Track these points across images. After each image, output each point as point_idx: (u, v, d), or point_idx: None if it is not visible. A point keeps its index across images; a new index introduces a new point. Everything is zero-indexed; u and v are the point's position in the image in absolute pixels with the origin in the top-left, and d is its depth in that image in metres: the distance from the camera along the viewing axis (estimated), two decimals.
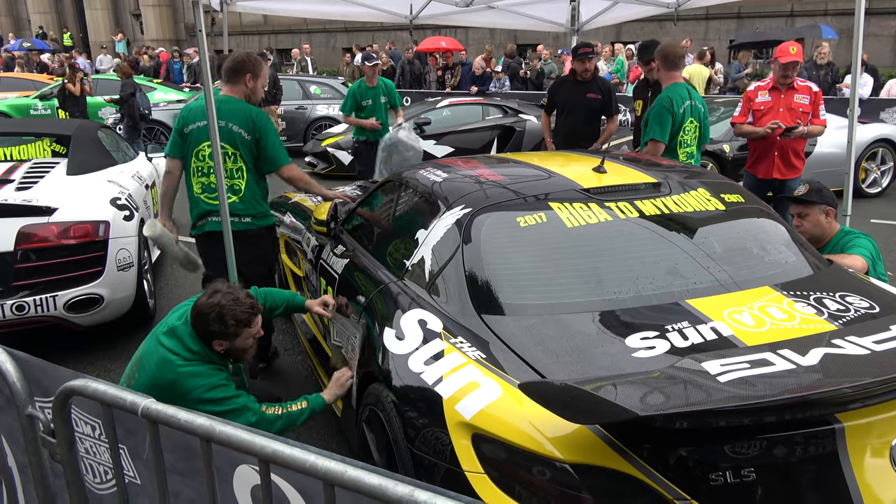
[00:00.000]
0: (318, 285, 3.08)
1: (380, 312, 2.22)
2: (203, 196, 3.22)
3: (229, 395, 2.01)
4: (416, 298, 2.14)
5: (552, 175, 2.51)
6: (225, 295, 2.04)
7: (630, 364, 1.65)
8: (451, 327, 1.91)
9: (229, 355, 2.12)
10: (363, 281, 2.57)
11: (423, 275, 2.21)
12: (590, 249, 2.11)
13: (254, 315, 2.07)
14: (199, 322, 2.03)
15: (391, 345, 1.96)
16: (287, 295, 2.56)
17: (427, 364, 1.78)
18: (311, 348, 3.29)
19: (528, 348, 1.75)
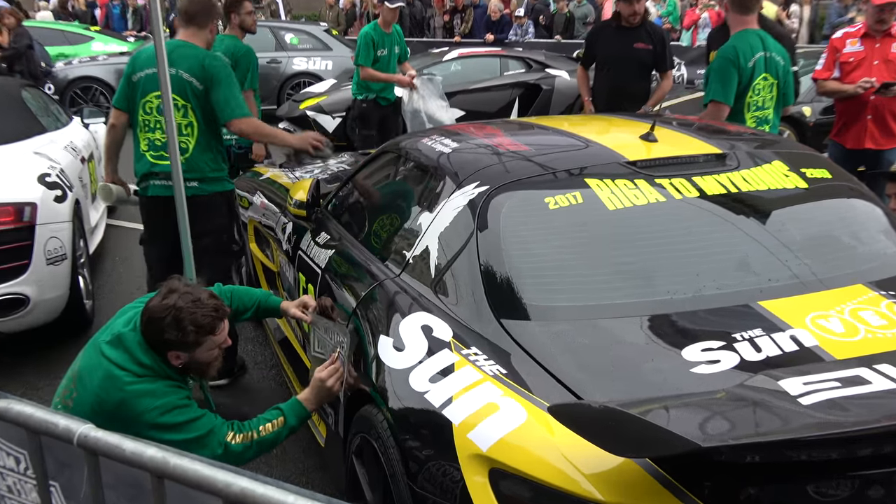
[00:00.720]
0: (295, 282, 3.10)
1: (373, 317, 2.23)
2: (149, 154, 3.31)
3: (190, 419, 2.01)
4: (419, 299, 2.14)
5: (590, 144, 2.51)
6: (183, 295, 2.04)
7: (688, 382, 1.65)
8: (462, 335, 1.92)
9: (189, 370, 2.12)
10: (352, 277, 2.58)
11: (428, 270, 2.22)
12: (637, 238, 2.10)
13: (218, 319, 2.07)
14: (151, 329, 2.02)
15: (388, 357, 1.97)
16: (258, 295, 2.57)
17: (433, 381, 1.78)
18: (287, 361, 3.33)
19: (560, 361, 1.75)
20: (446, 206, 2.29)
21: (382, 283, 2.32)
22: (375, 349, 2.05)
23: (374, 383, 1.98)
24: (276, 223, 3.53)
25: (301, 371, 2.98)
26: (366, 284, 2.40)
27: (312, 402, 2.22)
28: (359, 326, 2.26)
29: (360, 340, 2.20)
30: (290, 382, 3.20)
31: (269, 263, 3.77)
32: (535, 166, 2.37)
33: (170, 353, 2.04)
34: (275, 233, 3.53)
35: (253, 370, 3.78)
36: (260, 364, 3.86)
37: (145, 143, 3.29)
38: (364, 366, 2.11)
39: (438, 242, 2.24)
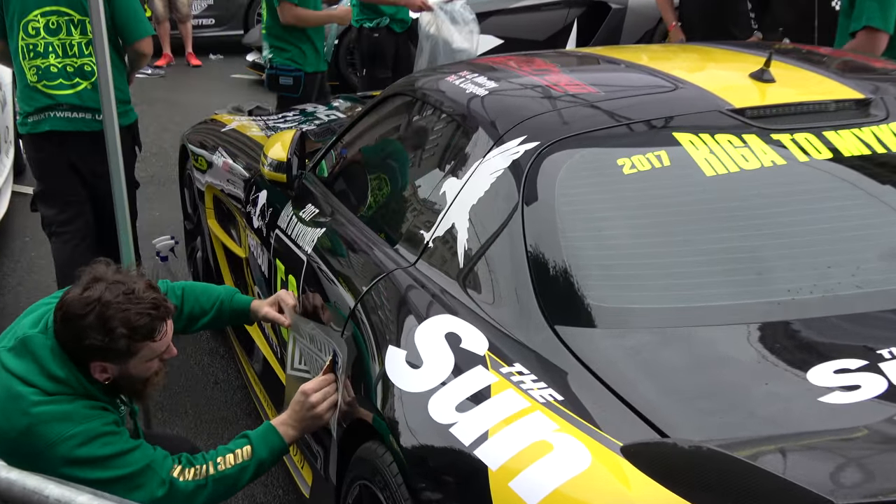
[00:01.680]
0: (270, 273, 3.13)
1: (378, 321, 2.24)
2: (42, 85, 3.47)
3: (120, 451, 2.03)
4: (442, 297, 2.16)
5: (679, 85, 2.50)
6: (111, 286, 2.04)
7: (816, 415, 1.64)
8: (502, 347, 1.93)
9: (119, 388, 2.14)
10: (349, 266, 2.59)
11: (454, 257, 2.23)
12: (746, 215, 2.10)
13: (159, 319, 2.08)
14: (67, 331, 2.03)
15: (399, 376, 1.98)
16: (219, 293, 2.59)
17: (462, 410, 1.79)
18: (258, 381, 3.37)
19: (637, 385, 1.75)
20: (480, 169, 2.30)
21: (391, 275, 2.34)
22: (381, 365, 2.06)
23: (379, 412, 1.99)
24: (245, 192, 3.57)
25: (278, 394, 3.02)
26: (368, 276, 2.42)
27: (293, 429, 2.23)
28: (358, 334, 2.27)
29: (359, 353, 2.22)
30: (263, 409, 3.25)
31: (235, 247, 3.81)
32: (604, 115, 2.36)
33: (93, 364, 2.05)
34: (242, 205, 3.57)
35: (211, 393, 3.82)
36: (221, 384, 3.90)
37: (33, 73, 3.42)
38: (366, 388, 2.13)
39: (469, 219, 2.25)
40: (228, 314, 2.57)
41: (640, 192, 2.13)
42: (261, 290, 3.32)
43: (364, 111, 3.21)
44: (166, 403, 3.69)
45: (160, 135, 7.40)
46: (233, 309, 2.57)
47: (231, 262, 3.95)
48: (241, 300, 2.59)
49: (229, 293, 2.58)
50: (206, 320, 2.56)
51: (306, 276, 2.75)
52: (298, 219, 2.97)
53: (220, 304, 2.55)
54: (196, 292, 2.54)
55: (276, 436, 2.21)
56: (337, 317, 2.45)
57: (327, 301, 2.55)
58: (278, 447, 2.21)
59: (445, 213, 2.33)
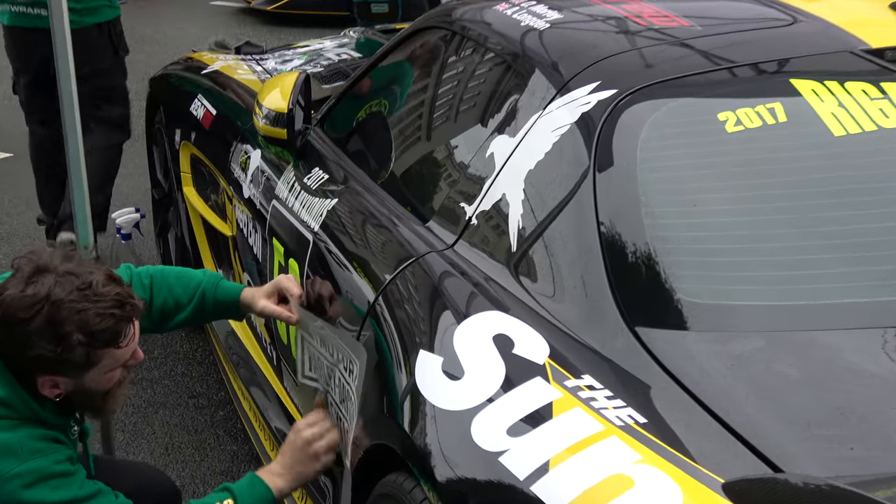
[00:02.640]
0: (266, 256, 3.16)
1: (406, 318, 2.26)
2: None
3: (74, 499, 2.04)
4: (488, 288, 2.17)
5: (799, 18, 2.49)
6: (62, 280, 2.02)
7: None
8: (566, 353, 1.94)
9: (73, 405, 2.16)
10: (369, 248, 2.61)
11: (505, 237, 2.25)
12: (884, 188, 2.10)
13: (124, 320, 2.08)
14: (8, 339, 2.01)
15: (433, 390, 2.00)
16: (198, 280, 2.58)
17: (515, 434, 1.79)
18: (247, 394, 3.41)
19: (742, 404, 1.75)
20: (539, 125, 2.31)
21: (423, 261, 2.35)
22: (410, 376, 2.08)
23: (407, 435, 2.01)
24: (233, 152, 3.59)
25: (273, 410, 3.05)
26: (393, 262, 2.43)
27: (282, 479, 2.27)
28: (379, 336, 2.29)
29: (381, 360, 2.24)
30: (253, 431, 3.29)
31: (219, 222, 3.84)
32: (700, 57, 2.36)
33: (41, 379, 2.05)
34: (230, 169, 3.60)
35: (185, 410, 3.86)
36: (199, 398, 3.95)
37: None
38: (389, 405, 2.15)
39: (523, 190, 2.26)
40: (212, 307, 2.56)
41: (748, 156, 2.13)
42: (252, 278, 3.36)
43: (387, 49, 3.22)
44: (129, 422, 3.75)
45: None
46: (218, 301, 2.55)
47: (213, 243, 3.99)
48: (229, 289, 2.58)
49: (213, 280, 2.56)
50: (184, 316, 2.54)
51: (312, 260, 2.77)
52: (302, 187, 2.99)
53: (202, 294, 2.53)
54: (169, 280, 2.52)
55: (264, 489, 2.24)
56: (352, 313, 2.47)
57: (339, 293, 2.57)
58: (265, 500, 2.24)
59: (493, 181, 2.34)
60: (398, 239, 2.50)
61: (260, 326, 3.28)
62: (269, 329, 3.11)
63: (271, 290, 2.55)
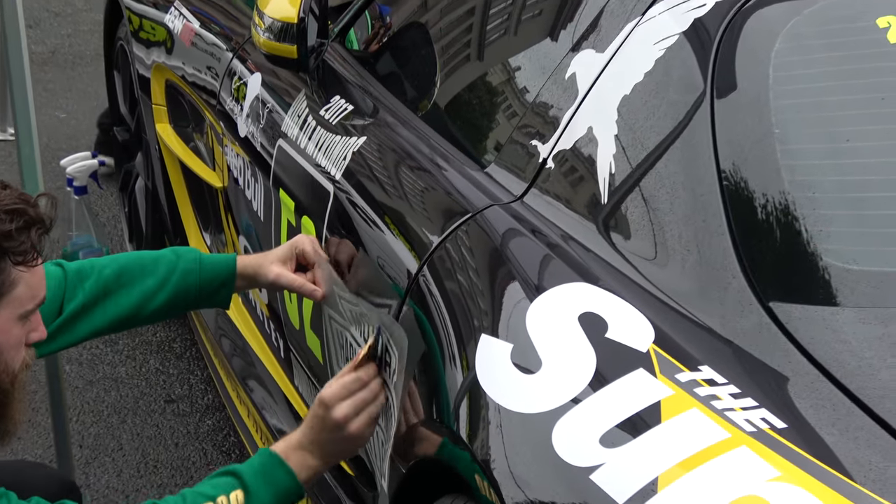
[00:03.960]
0: (270, 215, 3.18)
1: (460, 293, 2.27)
2: None
3: None
4: (571, 252, 2.18)
5: None
6: None
7: None
8: (677, 337, 1.94)
9: None
10: (409, 202, 2.63)
11: (592, 185, 2.26)
12: None
13: (24, 227, 2.12)
14: None
15: (499, 385, 2.00)
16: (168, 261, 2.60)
17: (611, 444, 1.79)
18: (242, 395, 3.43)
19: None
20: (636, 36, 2.31)
21: (483, 217, 2.36)
22: (468, 369, 2.09)
23: (464, 447, 2.01)
24: (224, 77, 3.61)
25: (283, 417, 3.07)
26: (441, 219, 2.45)
27: (311, 455, 2.26)
28: (423, 317, 2.31)
29: (427, 349, 2.25)
30: (253, 443, 3.31)
31: (204, 170, 3.86)
32: None
33: None
34: (220, 100, 3.62)
35: (161, 418, 3.91)
36: (179, 403, 3.98)
37: None
38: (438, 406, 2.17)
39: (616, 122, 2.26)
40: (195, 294, 2.61)
41: None
42: (250, 244, 3.37)
43: None
44: (88, 434, 3.79)
45: None
46: (204, 282, 2.60)
47: (197, 197, 4.01)
48: (217, 263, 2.62)
49: (191, 258, 2.60)
50: (160, 302, 2.59)
51: (333, 219, 2.78)
52: (318, 121, 3.00)
53: (179, 279, 2.59)
54: (132, 271, 2.59)
55: (282, 468, 2.24)
56: (387, 289, 2.48)
57: (369, 262, 2.58)
58: (287, 489, 2.25)
59: (575, 111, 2.34)
60: (447, 188, 2.52)
61: (261, 305, 3.30)
62: (274, 309, 3.13)
63: (287, 254, 2.57)
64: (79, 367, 4.08)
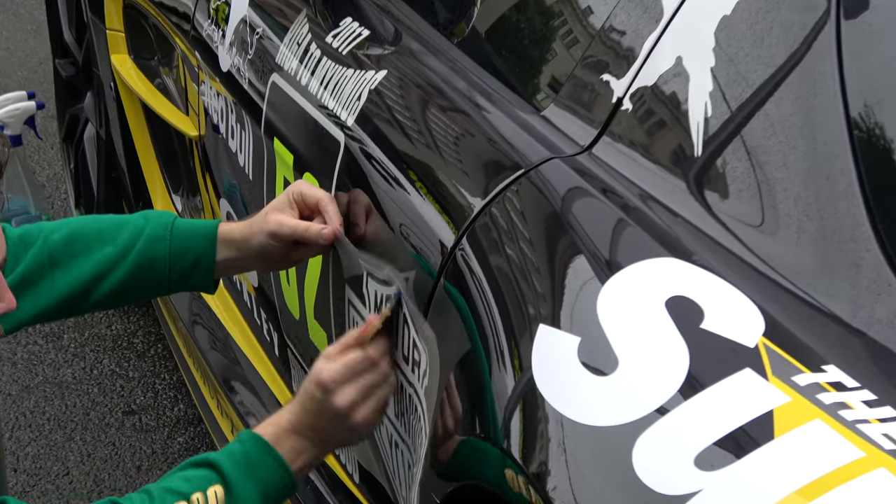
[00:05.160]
0: (261, 169, 3.20)
1: (509, 270, 2.28)
2: None
3: None
4: (652, 216, 2.19)
5: None
6: None
7: None
8: (794, 328, 1.95)
9: None
10: (442, 156, 2.65)
11: (680, 131, 2.27)
12: None
13: None
14: None
15: (562, 390, 2.01)
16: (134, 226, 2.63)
17: (710, 465, 1.79)
18: (223, 398, 3.46)
19: None
20: None
21: (539, 173, 2.36)
22: (520, 370, 2.11)
23: (517, 466, 2.02)
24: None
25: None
26: (485, 176, 2.48)
27: (308, 442, 2.30)
28: (463, 303, 2.31)
29: (469, 343, 2.26)
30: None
31: (174, 115, 3.90)
32: None
33: None
34: (195, 24, 3.64)
35: (119, 433, 3.95)
36: (142, 415, 4.03)
37: None
38: (482, 416, 2.18)
39: (713, 50, 2.27)
40: (165, 269, 2.63)
41: None
42: (234, 208, 3.40)
43: None
44: (26, 455, 3.81)
45: None
46: (176, 254, 2.63)
47: (164, 150, 4.04)
48: (193, 230, 2.65)
49: (160, 225, 2.63)
50: (119, 277, 2.63)
51: (343, 175, 2.80)
52: (324, 51, 3.01)
53: (145, 246, 2.61)
54: (87, 238, 2.62)
55: (272, 458, 2.28)
56: (414, 265, 2.50)
57: (391, 231, 2.60)
58: (278, 481, 2.28)
59: (658, 37, 2.35)
60: (492, 137, 2.53)
61: (248, 288, 3.33)
62: (266, 293, 3.15)
63: (284, 203, 2.61)
64: (12, 368, 4.10)
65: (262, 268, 2.95)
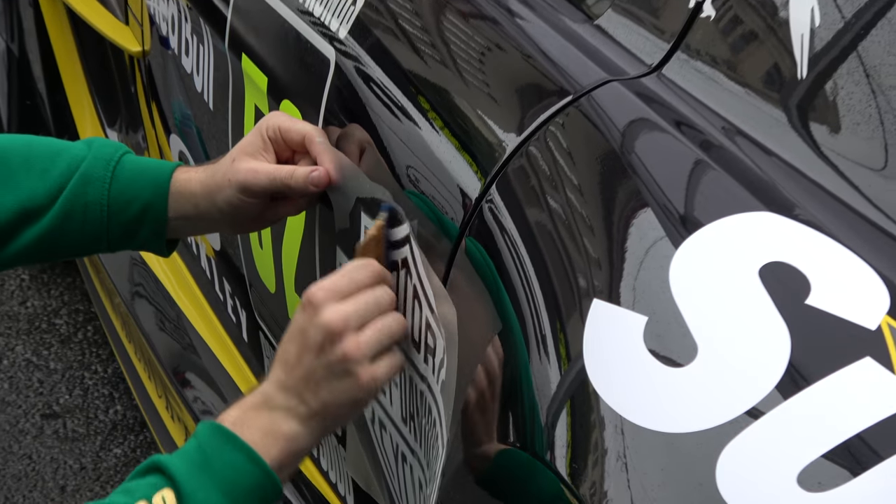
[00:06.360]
0: (226, 96, 3.21)
1: (554, 229, 2.29)
2: None
3: None
4: (739, 156, 2.19)
5: None
6: None
7: None
8: None
9: None
10: (462, 79, 2.66)
11: (778, 45, 2.27)
12: None
13: None
14: None
15: (620, 386, 2.02)
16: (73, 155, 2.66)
17: (817, 486, 1.79)
18: (175, 403, 3.48)
19: None
20: None
21: (591, 100, 2.37)
22: (568, 359, 2.12)
23: (562, 482, 2.04)
24: None
25: None
26: (520, 105, 2.49)
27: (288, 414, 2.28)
28: (490, 273, 2.32)
29: (501, 322, 2.27)
30: None
31: (109, 25, 3.91)
32: None
33: None
34: None
35: (41, 448, 3.99)
36: (67, 419, 4.07)
37: None
38: (519, 420, 2.20)
39: None
40: (101, 217, 2.64)
41: None
42: (190, 147, 3.43)
43: None
44: None
45: None
46: (116, 199, 2.64)
47: (96, 71, 4.04)
48: (143, 169, 2.66)
49: (103, 157, 2.63)
50: (36, 234, 2.65)
51: (334, 103, 2.83)
52: None
53: (80, 183, 2.62)
54: (9, 163, 2.63)
55: (233, 448, 2.27)
56: (423, 220, 2.49)
57: (396, 179, 2.62)
58: (247, 479, 2.28)
59: None
60: (530, 53, 2.54)
61: (207, 251, 3.32)
62: (230, 259, 3.16)
63: (256, 143, 2.59)
64: None
65: (228, 230, 2.94)
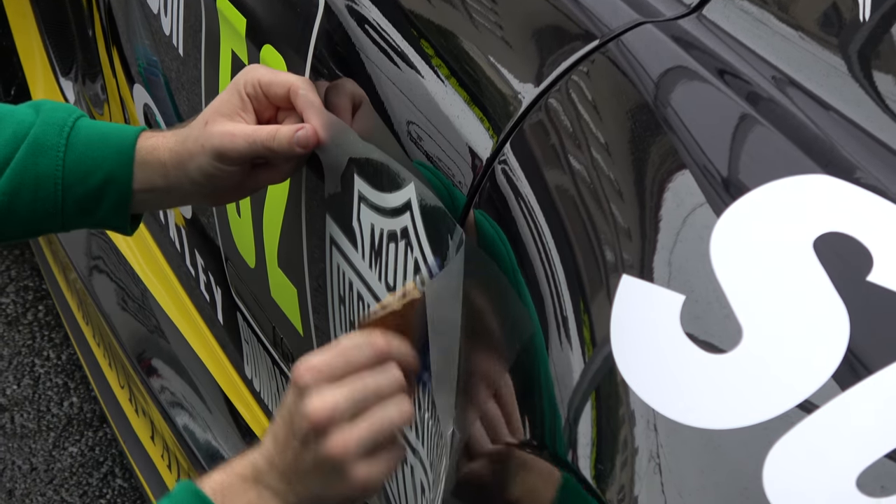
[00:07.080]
0: (200, 44, 3.23)
1: (577, 193, 2.30)
2: None
3: None
4: (791, 108, 2.19)
5: None
6: None
7: None
8: None
9: None
10: (472, 21, 2.66)
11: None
12: None
13: None
14: None
15: (653, 376, 2.02)
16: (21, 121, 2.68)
17: (879, 491, 1.79)
18: (149, 406, 3.48)
19: None
20: None
21: (620, 45, 2.39)
22: (593, 343, 2.13)
23: (586, 487, 2.04)
24: None
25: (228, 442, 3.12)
26: (540, 49, 2.52)
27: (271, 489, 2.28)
28: (502, 245, 2.34)
29: (510, 307, 2.29)
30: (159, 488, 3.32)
31: None
32: None
33: None
34: None
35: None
36: (15, 415, 4.10)
37: None
38: (537, 417, 2.21)
39: None
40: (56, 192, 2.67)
41: None
42: (157, 101, 3.43)
43: None
44: None
45: None
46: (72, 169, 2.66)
47: (48, 10, 4.05)
48: (102, 135, 2.68)
49: (55, 122, 2.64)
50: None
51: (322, 50, 2.84)
52: None
53: (27, 160, 2.64)
54: None
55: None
56: (426, 182, 2.52)
57: (396, 139, 2.63)
58: None
59: None
60: None
61: (177, 220, 3.32)
62: (202, 229, 3.17)
63: (233, 102, 2.61)
64: None
65: (202, 202, 2.94)
